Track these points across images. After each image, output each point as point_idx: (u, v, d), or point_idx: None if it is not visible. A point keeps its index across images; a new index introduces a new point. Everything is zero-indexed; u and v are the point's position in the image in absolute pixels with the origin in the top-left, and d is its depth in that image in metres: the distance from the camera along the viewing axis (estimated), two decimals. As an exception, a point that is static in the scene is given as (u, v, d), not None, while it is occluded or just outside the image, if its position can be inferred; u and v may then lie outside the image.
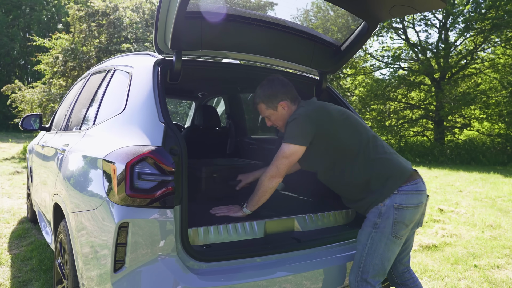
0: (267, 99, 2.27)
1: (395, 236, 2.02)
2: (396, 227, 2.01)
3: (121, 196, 1.75)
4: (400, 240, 2.05)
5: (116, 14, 13.71)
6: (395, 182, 2.05)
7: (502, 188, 8.27)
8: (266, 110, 2.29)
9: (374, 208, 2.06)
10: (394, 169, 2.08)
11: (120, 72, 2.58)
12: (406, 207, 2.01)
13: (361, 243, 2.08)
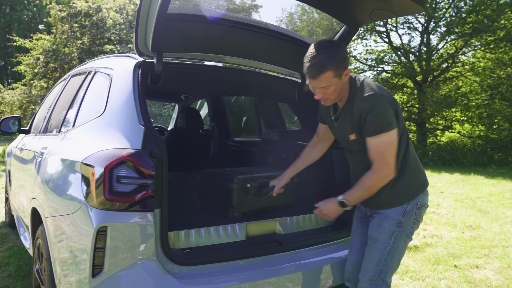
0: (338, 65, 1.84)
1: (411, 235, 2.04)
2: (414, 226, 2.03)
3: (100, 200, 1.73)
4: (411, 240, 2.08)
5: (99, 15, 13.56)
6: (425, 181, 2.08)
7: (482, 189, 8.44)
8: (333, 79, 1.84)
9: (399, 207, 1.98)
10: (422, 168, 2.10)
11: (100, 74, 2.55)
12: (424, 206, 2.05)
13: (381, 242, 1.98)
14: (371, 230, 2.03)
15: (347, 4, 2.24)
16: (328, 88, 1.87)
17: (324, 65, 1.81)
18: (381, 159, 1.87)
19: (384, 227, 1.98)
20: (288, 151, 3.17)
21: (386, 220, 1.98)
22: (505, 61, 17.20)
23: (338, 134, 2.09)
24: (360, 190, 1.94)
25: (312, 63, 1.83)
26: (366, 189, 1.92)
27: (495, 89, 16.68)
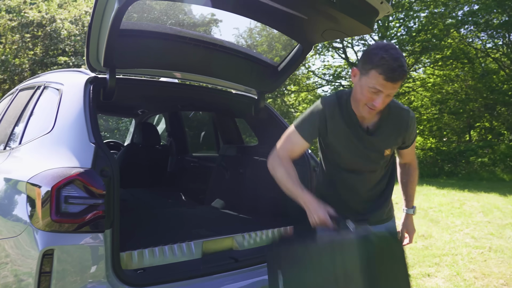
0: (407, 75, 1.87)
1: None
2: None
3: (46, 221, 1.65)
4: None
5: (53, 26, 13.11)
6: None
7: (434, 199, 8.83)
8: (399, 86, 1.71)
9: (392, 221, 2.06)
10: None
11: (50, 90, 2.46)
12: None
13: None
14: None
15: (300, 24, 2.31)
16: (390, 97, 1.71)
17: (406, 69, 1.66)
18: (415, 154, 2.05)
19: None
20: (246, 166, 3.19)
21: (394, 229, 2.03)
22: (452, 78, 18.31)
23: (365, 151, 1.84)
24: (414, 190, 2.06)
25: (399, 64, 1.61)
26: (414, 185, 2.06)
27: (444, 104, 17.68)
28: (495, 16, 16.05)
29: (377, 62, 1.62)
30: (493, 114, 17.73)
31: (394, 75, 1.61)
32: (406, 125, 1.85)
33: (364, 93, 1.69)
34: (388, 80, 1.62)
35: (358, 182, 1.91)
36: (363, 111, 1.74)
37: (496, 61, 17.01)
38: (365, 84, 1.67)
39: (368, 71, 1.66)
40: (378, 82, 1.63)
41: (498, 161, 15.10)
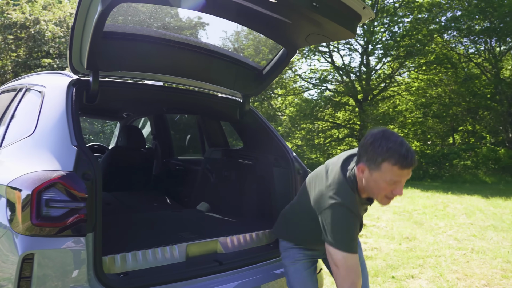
0: None
1: None
2: None
3: (26, 225, 1.63)
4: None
5: (37, 27, 12.92)
6: None
7: (418, 202, 8.95)
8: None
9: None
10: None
11: (32, 92, 2.43)
12: None
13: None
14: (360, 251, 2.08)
15: (284, 28, 2.33)
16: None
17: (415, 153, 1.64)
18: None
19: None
20: (231, 169, 3.19)
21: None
22: (435, 82, 18.64)
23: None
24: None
25: (407, 148, 1.60)
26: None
27: (428, 108, 17.97)
28: (477, 22, 16.42)
29: (385, 154, 1.60)
30: (476, 118, 18.11)
31: (407, 161, 1.58)
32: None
33: (381, 187, 1.65)
34: (404, 168, 1.59)
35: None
36: (382, 202, 1.72)
37: (478, 66, 17.39)
38: (381, 179, 1.64)
39: (379, 166, 1.62)
40: (394, 173, 1.60)
41: (480, 164, 15.40)
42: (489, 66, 16.92)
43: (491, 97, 16.49)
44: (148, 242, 2.21)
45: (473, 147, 16.31)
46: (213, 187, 3.33)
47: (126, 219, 2.91)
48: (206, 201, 3.33)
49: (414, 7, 17.23)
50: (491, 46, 16.89)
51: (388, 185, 1.64)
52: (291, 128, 20.33)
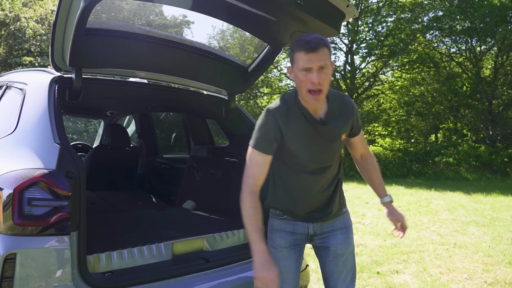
0: (330, 48, 1.77)
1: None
2: None
3: (8, 224, 1.60)
4: None
5: (17, 25, 12.65)
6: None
7: (402, 199, 9.09)
8: (329, 58, 1.72)
9: (347, 212, 2.08)
10: None
11: (12, 89, 2.39)
12: None
13: (352, 253, 2.01)
14: (341, 246, 1.96)
15: (269, 26, 2.34)
16: (325, 71, 1.70)
17: (322, 39, 1.70)
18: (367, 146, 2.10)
19: (351, 237, 2.02)
20: (217, 167, 3.18)
21: (350, 229, 2.03)
22: (418, 81, 18.93)
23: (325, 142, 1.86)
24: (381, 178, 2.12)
25: (310, 37, 1.69)
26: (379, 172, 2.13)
27: (411, 106, 18.24)
28: (458, 22, 16.74)
29: (295, 45, 1.73)
30: (457, 116, 18.46)
31: (310, 45, 1.67)
32: (351, 108, 1.92)
33: (300, 79, 1.72)
34: (309, 51, 1.67)
35: (316, 182, 1.90)
36: (309, 99, 1.74)
37: (459, 65, 17.72)
38: (297, 71, 1.73)
39: (293, 59, 1.74)
40: (303, 59, 1.69)
41: (462, 161, 15.72)
42: (470, 65, 17.27)
43: (472, 95, 16.84)
44: (134, 240, 2.19)
45: (455, 145, 16.64)
46: (199, 185, 3.32)
47: (111, 218, 2.88)
48: (192, 199, 3.32)
49: (397, 7, 17.46)
50: (471, 45, 17.24)
51: (304, 76, 1.70)
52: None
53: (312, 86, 1.70)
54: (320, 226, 1.97)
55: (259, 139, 1.82)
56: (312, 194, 1.91)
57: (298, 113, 1.82)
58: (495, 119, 16.26)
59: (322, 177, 1.90)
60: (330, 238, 1.98)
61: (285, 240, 1.98)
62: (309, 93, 1.72)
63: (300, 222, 1.96)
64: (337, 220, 2.00)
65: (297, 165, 1.89)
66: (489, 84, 16.43)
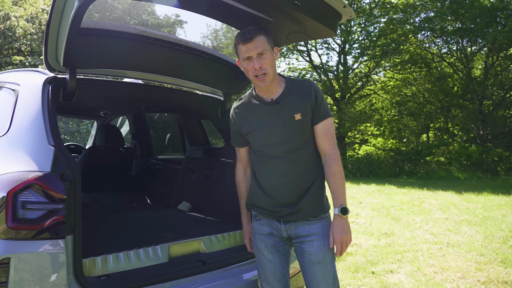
0: (269, 35, 1.92)
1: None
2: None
3: (1, 228, 1.57)
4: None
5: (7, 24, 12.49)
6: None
7: (395, 198, 9.14)
8: (267, 44, 1.88)
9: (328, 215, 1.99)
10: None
11: (4, 90, 2.34)
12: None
13: (330, 261, 1.91)
14: (316, 254, 1.89)
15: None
16: (265, 56, 1.86)
17: (258, 29, 1.88)
18: (333, 141, 1.95)
19: (328, 245, 1.89)
20: (212, 168, 3.16)
21: (327, 236, 1.90)
22: (410, 81, 19.06)
23: (275, 122, 1.92)
24: (343, 185, 1.92)
25: (245, 30, 1.87)
26: (343, 179, 1.93)
27: (403, 106, 18.36)
28: (450, 23, 16.89)
29: (235, 40, 1.91)
30: (448, 115, 18.63)
31: (245, 36, 1.85)
32: (309, 91, 1.93)
33: (246, 68, 1.90)
34: (245, 42, 1.85)
35: (280, 167, 1.92)
36: (257, 83, 1.91)
37: (451, 65, 17.88)
38: (241, 61, 1.91)
39: (236, 52, 1.93)
40: (241, 50, 1.87)
41: (453, 161, 15.86)
42: (461, 65, 17.44)
43: (463, 95, 17.00)
44: (130, 243, 2.17)
45: (446, 144, 16.78)
46: (195, 186, 3.30)
47: (105, 220, 2.85)
48: (188, 201, 3.29)
49: (390, 8, 17.57)
50: (462, 46, 17.41)
51: (247, 64, 1.88)
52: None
53: (255, 72, 1.86)
54: (295, 229, 1.94)
55: (232, 136, 2.16)
56: (279, 181, 1.92)
57: (251, 100, 2.02)
58: (486, 119, 16.43)
59: (287, 162, 1.91)
60: (305, 244, 1.92)
61: (265, 244, 2.02)
62: (256, 78, 1.88)
63: (275, 223, 1.98)
64: (314, 225, 1.92)
65: (260, 150, 1.98)
66: (480, 84, 16.61)
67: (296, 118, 1.89)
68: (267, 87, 1.93)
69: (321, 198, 1.97)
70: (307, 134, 1.94)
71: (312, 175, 1.94)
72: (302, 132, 1.92)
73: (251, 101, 2.01)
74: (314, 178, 1.95)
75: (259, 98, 1.98)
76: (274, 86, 1.95)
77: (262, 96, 1.98)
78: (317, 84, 1.98)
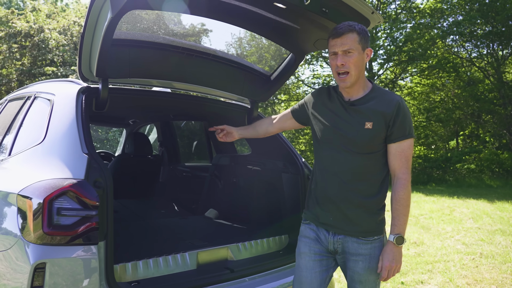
0: (364, 34, 1.82)
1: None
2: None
3: (38, 234, 1.62)
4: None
5: (41, 36, 13.00)
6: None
7: (424, 206, 8.90)
8: (357, 44, 1.79)
9: (381, 237, 1.89)
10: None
11: (40, 100, 2.43)
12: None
13: (373, 281, 1.87)
14: (359, 274, 1.84)
15: (293, 34, 2.33)
16: (351, 54, 1.78)
17: (352, 25, 1.80)
18: (407, 165, 1.81)
19: (373, 267, 1.83)
20: (239, 175, 3.17)
21: (375, 259, 1.84)
22: (438, 86, 18.61)
23: (345, 124, 1.85)
24: (406, 214, 1.80)
25: (340, 25, 1.82)
26: (408, 207, 1.80)
27: (431, 112, 17.93)
28: (479, 27, 16.42)
29: (329, 34, 1.87)
30: (479, 121, 18.04)
31: (337, 30, 1.81)
32: (392, 107, 1.80)
33: (331, 63, 1.88)
34: (335, 37, 1.81)
35: (337, 160, 1.85)
36: (337, 81, 1.87)
37: (481, 70, 17.36)
38: (329, 57, 1.89)
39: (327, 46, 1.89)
40: (330, 44, 1.85)
41: (485, 168, 15.32)
42: (492, 70, 16.89)
43: (494, 100, 16.44)
44: (158, 249, 2.19)
45: (477, 151, 16.24)
46: (221, 193, 3.32)
47: (134, 227, 2.90)
48: (214, 208, 3.31)
49: (416, 13, 17.26)
50: (493, 50, 16.87)
51: (333, 60, 1.85)
52: (295, 134, 20.27)
53: (338, 69, 1.82)
54: (342, 243, 1.86)
55: (297, 105, 2.18)
56: (333, 178, 1.85)
57: (331, 94, 1.98)
58: (519, 125, 15.84)
59: (344, 159, 1.84)
60: (349, 262, 1.86)
61: (309, 248, 1.92)
62: (338, 75, 1.84)
63: (323, 232, 1.90)
64: (363, 246, 1.83)
65: (318, 139, 1.96)
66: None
67: (367, 126, 1.79)
68: (348, 89, 1.86)
69: (378, 220, 1.86)
70: (374, 146, 1.82)
71: (366, 184, 1.83)
72: (369, 142, 1.81)
73: (334, 93, 1.96)
74: (374, 195, 1.84)
75: (340, 94, 1.93)
76: (355, 89, 1.87)
77: (343, 94, 1.92)
78: (404, 101, 1.85)
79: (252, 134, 2.37)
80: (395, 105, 1.79)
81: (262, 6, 2.01)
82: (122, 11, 1.78)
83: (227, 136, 2.35)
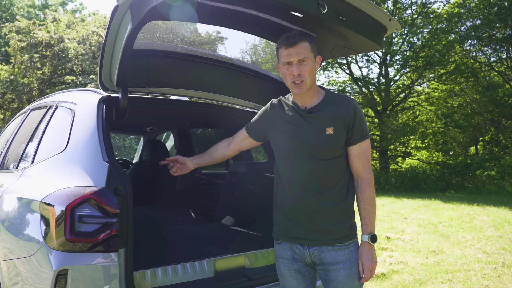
0: (314, 42, 1.86)
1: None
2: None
3: (60, 241, 1.66)
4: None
5: (61, 46, 13.34)
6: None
7: (443, 214, 8.73)
8: (310, 52, 1.82)
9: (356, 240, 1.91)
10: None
11: (62, 109, 2.49)
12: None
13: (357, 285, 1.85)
14: (343, 282, 1.82)
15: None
16: (305, 63, 1.80)
17: (303, 35, 1.83)
18: (368, 164, 1.86)
19: (355, 273, 1.83)
20: (256, 183, 3.18)
21: (355, 264, 1.85)
22: (456, 92, 18.31)
23: (306, 128, 1.87)
24: (374, 212, 1.85)
25: (290, 34, 1.83)
26: (375, 205, 1.85)
27: (449, 118, 17.63)
28: (498, 30, 16.14)
29: (278, 43, 1.87)
30: (499, 127, 17.65)
31: (289, 40, 1.80)
32: (348, 109, 1.85)
33: (284, 73, 1.86)
34: (288, 47, 1.81)
35: (303, 172, 1.85)
36: (293, 90, 1.87)
37: (500, 74, 17.03)
38: (281, 65, 1.87)
39: (277, 55, 1.88)
40: (283, 54, 1.83)
41: (506, 175, 14.95)
42: (512, 74, 16.57)
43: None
44: (176, 256, 2.21)
45: (497, 157, 15.87)
46: (238, 201, 3.32)
47: (152, 234, 2.93)
48: (231, 215, 3.32)
49: (433, 18, 17.08)
50: (513, 54, 16.56)
51: (287, 69, 1.84)
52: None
53: (293, 78, 1.81)
54: (319, 254, 1.85)
55: (251, 123, 2.15)
56: (301, 188, 1.84)
57: (286, 104, 1.98)
58: (541, 130, 15.44)
59: (309, 168, 1.83)
60: (331, 272, 1.84)
61: (288, 268, 1.94)
62: (293, 84, 1.83)
63: (297, 247, 1.89)
64: (340, 252, 1.83)
65: (279, 151, 1.97)
66: (534, 93, 15.67)
67: (328, 131, 1.82)
68: (303, 95, 1.88)
69: (349, 224, 1.88)
70: (337, 151, 1.85)
71: (334, 190, 1.84)
72: (332, 148, 1.83)
73: (288, 103, 1.98)
74: (342, 200, 1.86)
75: (295, 103, 1.94)
76: (309, 96, 1.89)
77: (297, 103, 1.93)
78: (358, 103, 1.90)
79: (209, 161, 2.25)
80: (352, 108, 1.85)
81: (279, 15, 2.03)
82: (142, 22, 1.82)
83: (181, 168, 2.20)
